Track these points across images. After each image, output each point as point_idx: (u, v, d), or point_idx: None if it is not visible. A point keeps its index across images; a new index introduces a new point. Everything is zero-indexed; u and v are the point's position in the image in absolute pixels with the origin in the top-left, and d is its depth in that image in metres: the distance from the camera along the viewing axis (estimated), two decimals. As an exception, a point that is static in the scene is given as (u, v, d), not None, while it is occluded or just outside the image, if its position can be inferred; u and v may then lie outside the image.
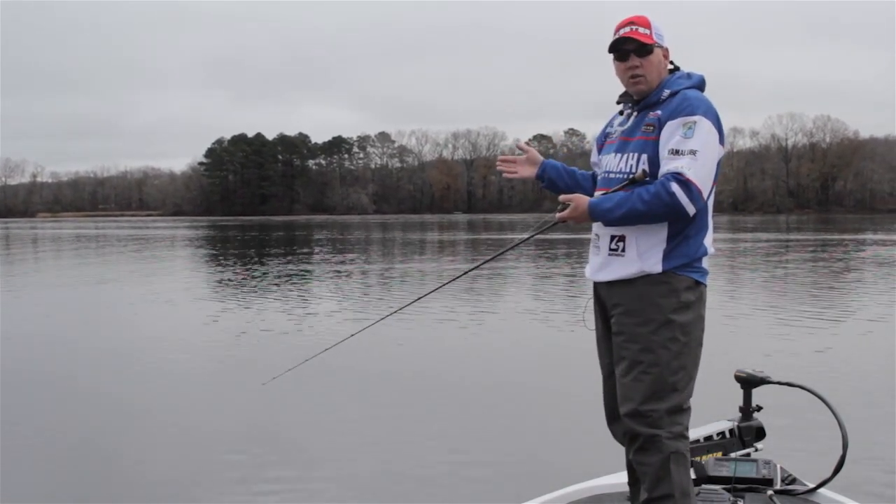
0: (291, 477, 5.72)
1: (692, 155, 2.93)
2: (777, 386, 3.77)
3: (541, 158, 3.50)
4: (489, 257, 4.02)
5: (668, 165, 2.97)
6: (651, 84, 3.15)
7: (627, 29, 3.14)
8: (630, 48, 3.13)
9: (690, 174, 2.91)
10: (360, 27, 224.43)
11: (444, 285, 4.34)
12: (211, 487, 5.53)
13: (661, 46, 3.16)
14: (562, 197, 3.17)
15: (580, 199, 3.10)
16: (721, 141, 3.04)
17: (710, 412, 3.96)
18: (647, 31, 3.13)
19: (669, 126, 3.01)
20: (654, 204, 2.93)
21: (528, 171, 3.51)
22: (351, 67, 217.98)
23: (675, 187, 2.90)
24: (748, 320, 12.46)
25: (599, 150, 3.38)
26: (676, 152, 2.95)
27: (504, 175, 3.57)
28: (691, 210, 2.94)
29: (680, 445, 3.01)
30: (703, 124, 2.97)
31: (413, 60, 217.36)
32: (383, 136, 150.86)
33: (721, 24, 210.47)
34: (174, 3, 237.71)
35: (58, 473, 5.88)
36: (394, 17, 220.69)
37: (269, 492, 5.44)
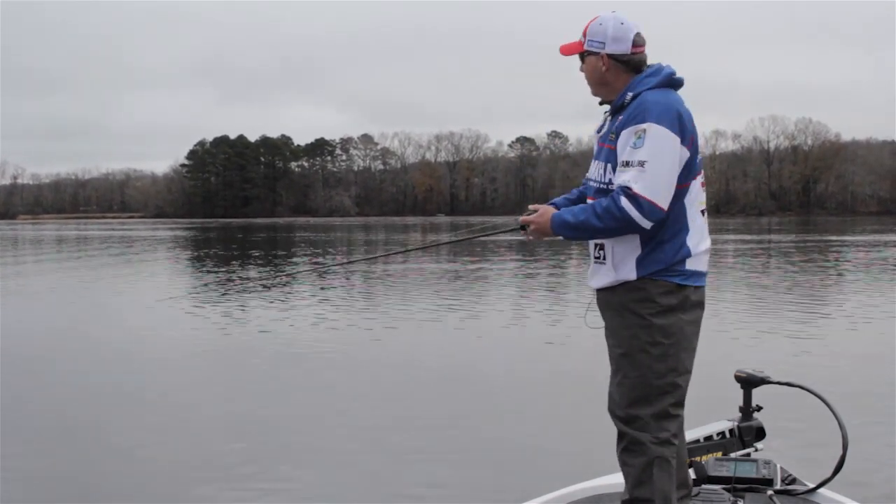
0: (283, 472, 5.70)
1: (640, 167, 2.86)
2: (777, 386, 3.77)
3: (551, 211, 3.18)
4: (445, 241, 3.95)
5: (618, 179, 2.93)
6: (594, 90, 3.15)
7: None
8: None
9: (637, 188, 2.84)
10: (343, 29, 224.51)
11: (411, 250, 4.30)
12: (202, 482, 5.48)
13: (594, 54, 3.07)
14: (531, 206, 3.13)
15: (547, 208, 3.09)
16: (684, 140, 2.92)
17: (710, 412, 3.96)
18: (581, 39, 3.11)
19: (623, 136, 2.95)
20: (606, 219, 2.90)
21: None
22: (334, 69, 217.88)
23: (623, 202, 2.86)
24: (747, 321, 12.51)
25: None
26: (627, 164, 2.90)
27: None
28: (645, 224, 2.87)
29: (665, 451, 2.97)
30: (653, 131, 2.87)
31: (396, 63, 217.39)
32: (366, 139, 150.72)
33: (703, 28, 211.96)
34: (157, 4, 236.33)
35: (52, 468, 5.84)
36: (377, 19, 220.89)
37: (266, 489, 5.40)
